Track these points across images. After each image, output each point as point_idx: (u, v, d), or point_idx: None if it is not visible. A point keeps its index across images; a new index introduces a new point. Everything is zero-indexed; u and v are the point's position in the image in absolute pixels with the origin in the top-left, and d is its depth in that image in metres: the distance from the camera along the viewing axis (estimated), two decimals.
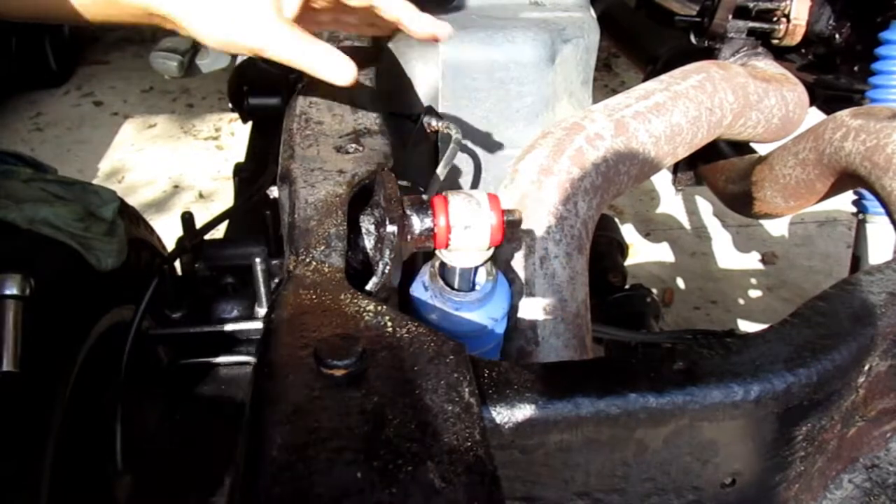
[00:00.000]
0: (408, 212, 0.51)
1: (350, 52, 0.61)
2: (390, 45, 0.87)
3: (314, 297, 0.43)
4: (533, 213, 0.66)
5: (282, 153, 0.61)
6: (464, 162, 0.89)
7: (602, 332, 1.03)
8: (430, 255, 0.55)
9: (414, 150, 0.83)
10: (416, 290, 0.55)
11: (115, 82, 3.37)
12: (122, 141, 2.95)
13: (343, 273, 0.46)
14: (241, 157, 1.34)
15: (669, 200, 2.45)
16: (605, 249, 1.27)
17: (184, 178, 2.70)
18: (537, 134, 0.74)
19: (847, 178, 0.78)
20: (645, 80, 0.86)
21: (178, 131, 3.03)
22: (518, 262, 0.66)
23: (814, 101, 1.00)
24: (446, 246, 0.52)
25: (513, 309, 0.63)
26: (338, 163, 0.57)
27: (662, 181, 2.42)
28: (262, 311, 0.83)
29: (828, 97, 1.04)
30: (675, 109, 0.77)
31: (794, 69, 1.03)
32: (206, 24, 0.58)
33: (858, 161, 0.72)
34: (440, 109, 0.85)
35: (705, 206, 2.38)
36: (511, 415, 0.41)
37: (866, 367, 0.49)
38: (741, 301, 2.09)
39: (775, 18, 1.01)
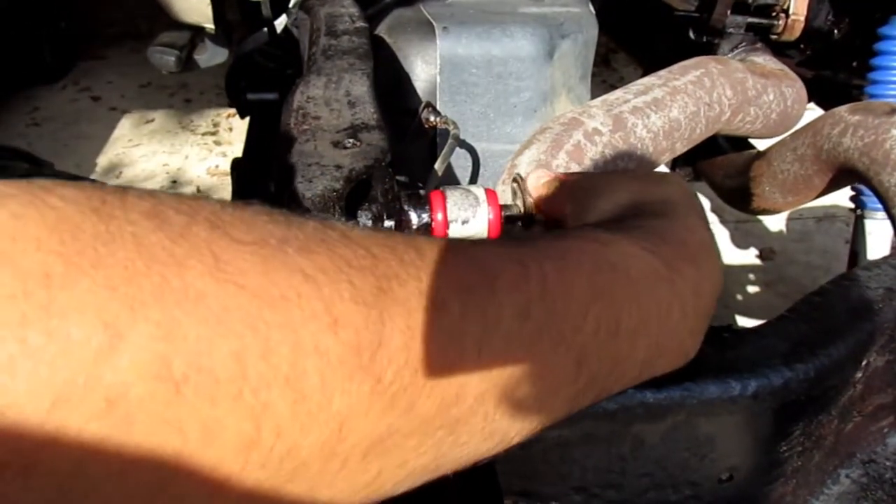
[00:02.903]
0: (405, 207, 0.51)
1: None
2: (388, 39, 0.87)
3: None
4: None
5: (279, 148, 0.61)
6: (462, 157, 0.89)
7: None
8: None
9: (412, 145, 0.83)
10: None
11: (112, 77, 3.37)
12: (120, 136, 2.94)
13: None
14: (239, 153, 1.34)
15: None
16: None
17: (182, 173, 2.70)
18: (535, 129, 0.74)
19: (845, 174, 0.77)
20: (643, 75, 0.86)
21: (176, 126, 3.03)
22: None
23: (812, 96, 0.99)
24: None
25: None
26: (335, 158, 0.56)
27: None
28: None
29: (826, 93, 1.04)
30: (674, 105, 0.77)
31: (793, 65, 1.03)
32: None
33: (856, 157, 0.72)
34: (438, 104, 0.85)
35: (703, 202, 2.37)
36: None
37: (864, 363, 0.49)
38: (739, 297, 2.09)
39: (774, 14, 1.01)
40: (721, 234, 2.32)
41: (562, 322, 0.29)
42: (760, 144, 1.01)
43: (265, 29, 1.03)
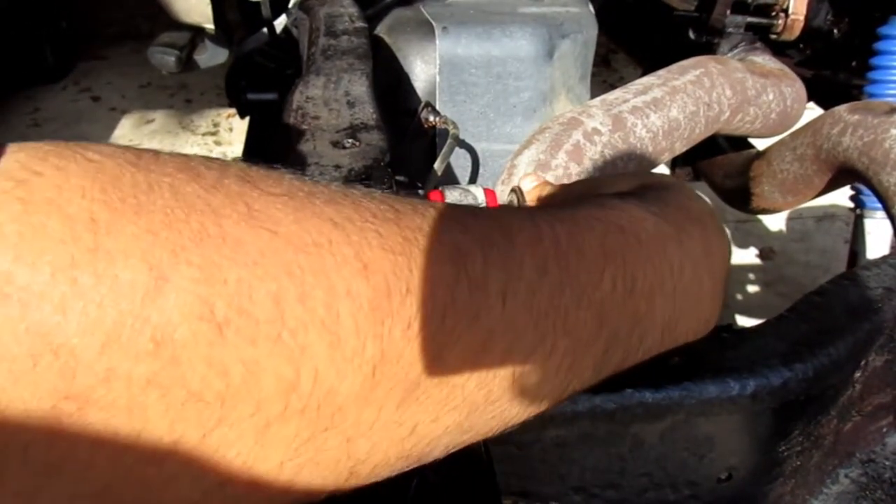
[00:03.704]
0: None
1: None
2: (387, 40, 0.87)
3: None
4: None
5: (278, 148, 0.61)
6: (461, 157, 0.89)
7: None
8: None
9: (411, 145, 0.83)
10: None
11: (112, 78, 3.37)
12: (120, 136, 2.94)
13: None
14: (240, 153, 1.33)
15: None
16: None
17: None
18: (535, 129, 0.74)
19: (845, 174, 0.77)
20: (643, 75, 0.86)
21: (177, 126, 3.03)
22: None
23: (812, 96, 0.99)
24: None
25: None
26: (334, 158, 0.56)
27: None
28: None
29: (826, 92, 1.04)
30: (673, 104, 0.77)
31: (793, 64, 1.03)
32: None
33: (856, 156, 0.72)
34: (437, 104, 0.85)
35: None
36: None
37: (863, 363, 0.49)
38: (739, 296, 2.09)
39: (773, 13, 1.01)
40: None
41: (579, 279, 0.30)
42: (760, 144, 1.01)
43: (265, 29, 1.04)
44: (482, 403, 0.27)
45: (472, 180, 0.90)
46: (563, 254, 0.30)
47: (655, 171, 0.84)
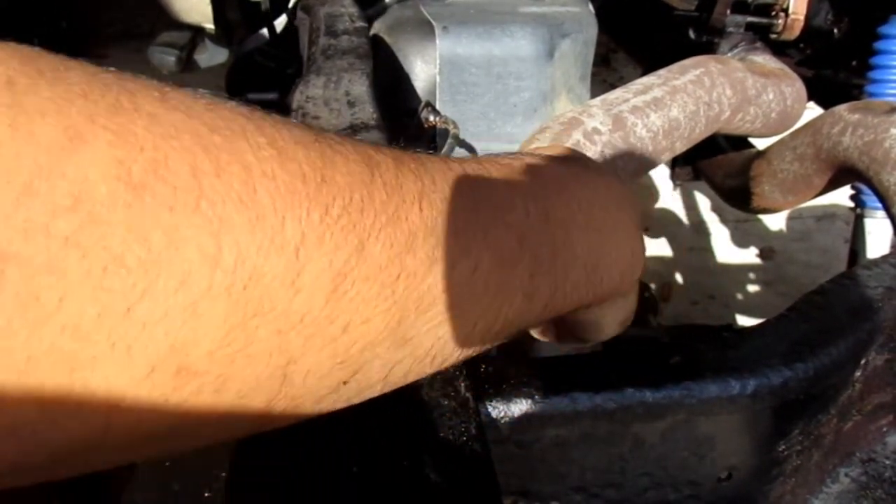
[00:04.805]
0: None
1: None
2: (388, 39, 0.87)
3: None
4: None
5: None
6: (462, 157, 0.89)
7: None
8: None
9: (411, 145, 0.83)
10: None
11: None
12: None
13: None
14: None
15: (668, 196, 2.46)
16: None
17: None
18: (535, 129, 0.74)
19: (845, 173, 0.78)
20: (643, 75, 0.86)
21: None
22: None
23: (812, 95, 0.99)
24: None
25: None
26: None
27: (661, 176, 2.42)
28: None
29: (826, 92, 1.04)
30: (674, 104, 0.77)
31: (793, 64, 1.03)
32: None
33: (856, 156, 0.72)
34: (438, 104, 0.85)
35: (703, 202, 2.38)
36: (508, 410, 0.41)
37: (863, 362, 0.49)
38: (739, 296, 2.09)
39: (774, 13, 1.01)
40: (721, 234, 2.32)
41: (491, 200, 0.31)
42: (760, 144, 1.01)
43: (265, 29, 1.04)
44: (413, 311, 0.27)
45: None
46: (473, 179, 0.31)
47: (655, 170, 0.84)
